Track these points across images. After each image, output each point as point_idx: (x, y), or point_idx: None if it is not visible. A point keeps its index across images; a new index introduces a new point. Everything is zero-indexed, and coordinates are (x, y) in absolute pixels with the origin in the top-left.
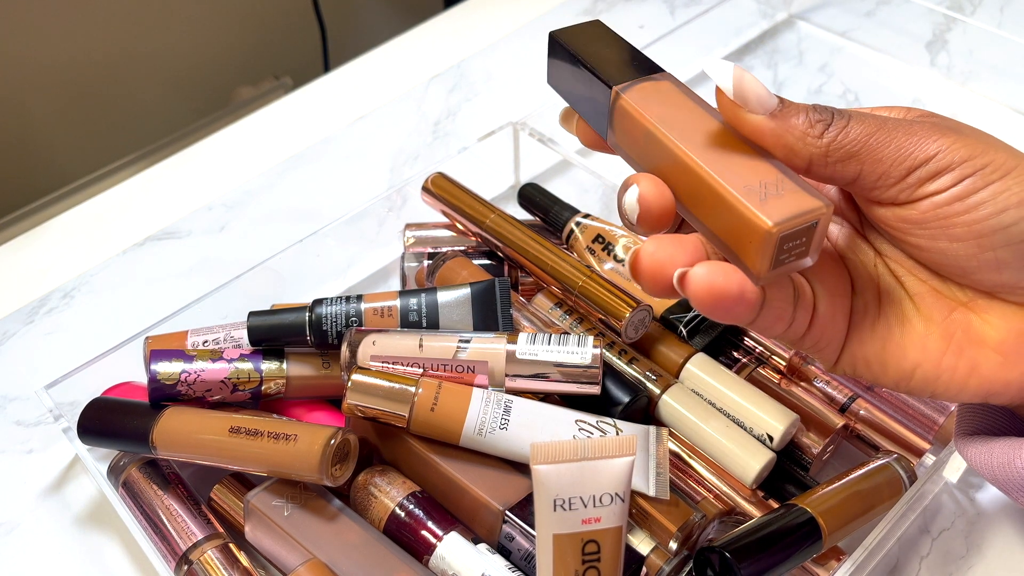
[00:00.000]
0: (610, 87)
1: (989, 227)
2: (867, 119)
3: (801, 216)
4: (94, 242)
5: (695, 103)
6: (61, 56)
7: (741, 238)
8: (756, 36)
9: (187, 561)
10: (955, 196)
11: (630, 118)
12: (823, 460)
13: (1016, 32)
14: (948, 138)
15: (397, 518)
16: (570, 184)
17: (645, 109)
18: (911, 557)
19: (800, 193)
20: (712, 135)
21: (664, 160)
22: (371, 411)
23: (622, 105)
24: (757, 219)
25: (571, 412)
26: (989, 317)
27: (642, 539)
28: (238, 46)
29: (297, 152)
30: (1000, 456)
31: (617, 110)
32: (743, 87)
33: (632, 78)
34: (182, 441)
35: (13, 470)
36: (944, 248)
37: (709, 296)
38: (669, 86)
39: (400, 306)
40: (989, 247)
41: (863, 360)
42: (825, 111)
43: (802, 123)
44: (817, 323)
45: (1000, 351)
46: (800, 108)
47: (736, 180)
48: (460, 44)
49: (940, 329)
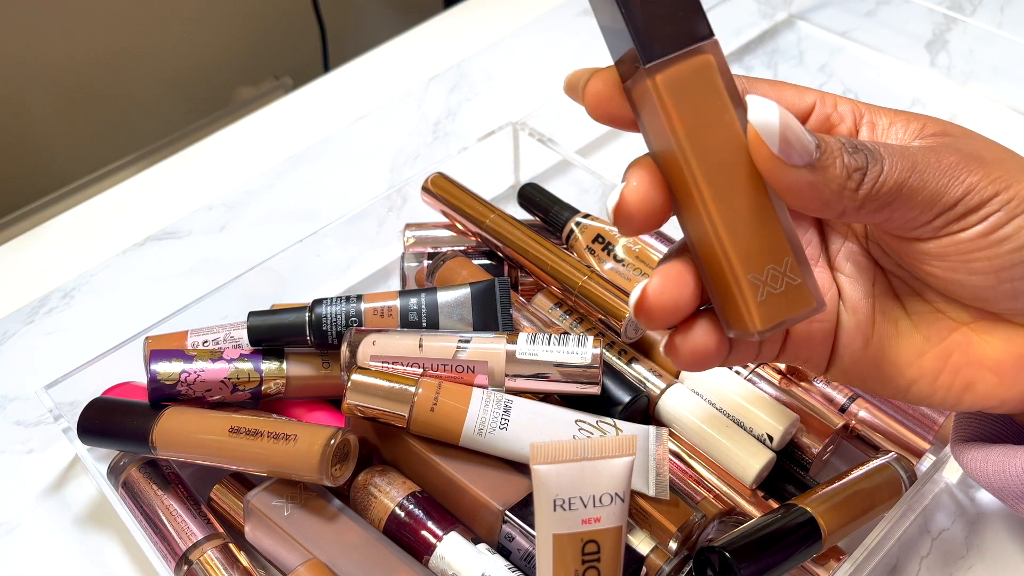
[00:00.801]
0: (639, 64)
1: (1010, 261)
2: (899, 160)
3: (790, 321)
4: (94, 242)
5: (729, 103)
6: (61, 56)
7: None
8: (756, 36)
9: (187, 561)
10: (979, 233)
11: (654, 110)
12: (823, 460)
13: (1016, 32)
14: (976, 174)
15: (397, 518)
16: (570, 184)
17: (674, 107)
18: (911, 557)
19: (801, 289)
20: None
21: (676, 182)
22: (371, 411)
23: (650, 89)
24: (748, 315)
25: (571, 412)
26: (991, 338)
27: (642, 539)
28: (238, 46)
29: (297, 152)
30: (996, 463)
31: (643, 90)
32: (789, 136)
33: (672, 48)
34: (182, 441)
35: (13, 470)
36: (962, 280)
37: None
38: (711, 67)
39: (400, 306)
40: (1008, 279)
41: (857, 375)
42: (859, 154)
43: (840, 174)
44: (789, 348)
45: (997, 372)
46: (835, 152)
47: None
48: (460, 44)
49: (938, 350)
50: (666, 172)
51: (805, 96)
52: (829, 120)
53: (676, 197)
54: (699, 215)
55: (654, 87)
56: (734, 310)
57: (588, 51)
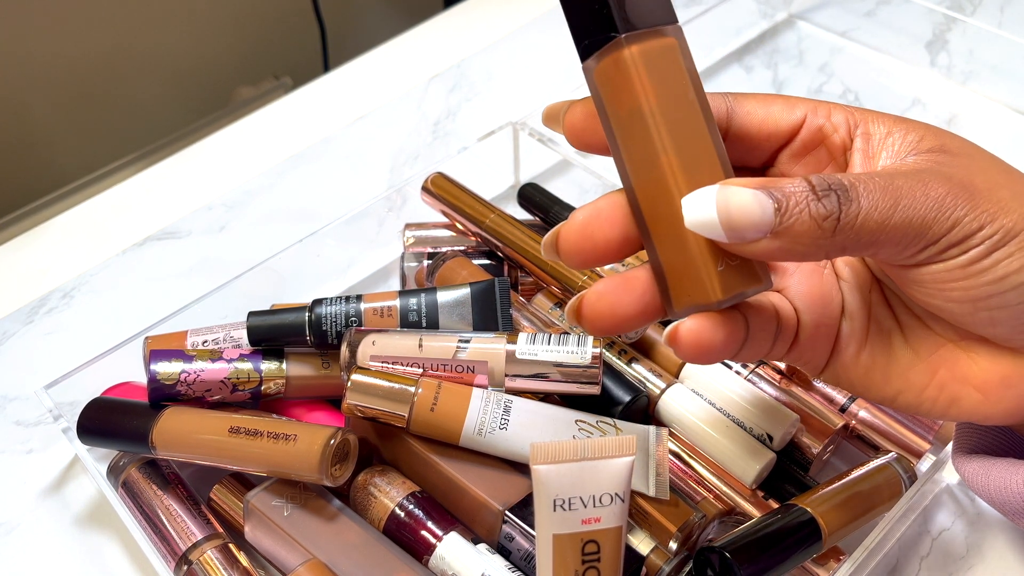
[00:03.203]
0: (614, 33)
1: (986, 292)
2: (880, 197)
3: (745, 294)
4: (94, 242)
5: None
6: (61, 56)
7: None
8: (756, 36)
9: (187, 561)
10: (957, 265)
11: (627, 79)
12: (823, 460)
13: (1016, 32)
14: (964, 208)
15: (397, 518)
16: (570, 184)
17: (647, 76)
18: (911, 557)
19: (751, 266)
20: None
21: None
22: (371, 411)
23: (626, 58)
24: (710, 284)
25: (571, 412)
26: (977, 356)
27: (642, 539)
28: (238, 46)
29: (297, 152)
30: (997, 479)
31: (615, 61)
32: (734, 222)
33: (644, 23)
34: (182, 441)
35: (13, 470)
36: (940, 306)
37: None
38: (675, 48)
39: (400, 306)
40: (984, 308)
41: (846, 380)
42: (829, 197)
43: (809, 227)
44: (796, 348)
45: (982, 390)
46: (800, 204)
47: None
48: (460, 44)
49: (926, 364)
50: (628, 144)
51: (795, 110)
52: (821, 131)
53: (638, 169)
54: (664, 185)
55: (631, 56)
56: (694, 280)
57: None
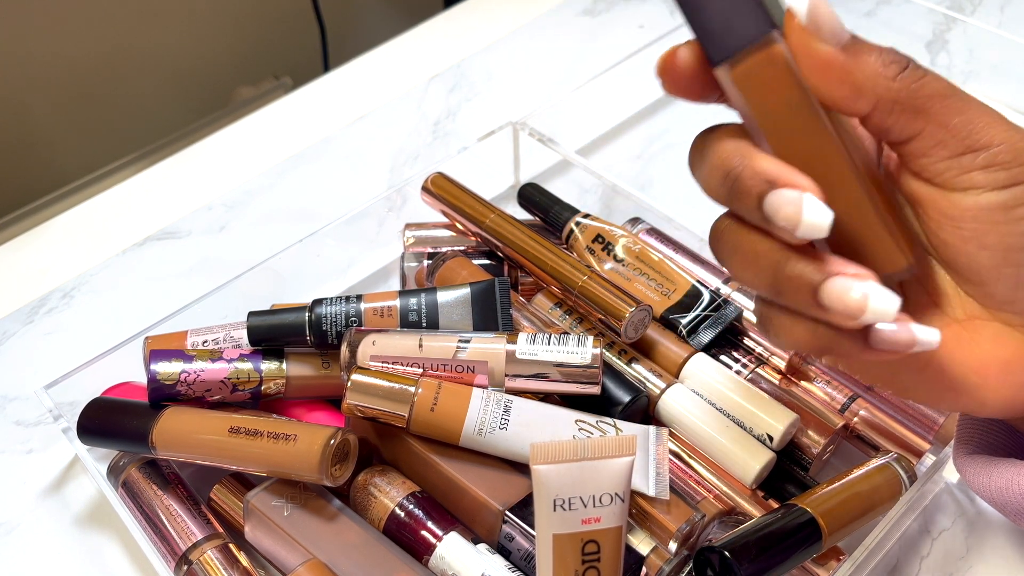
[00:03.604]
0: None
1: (1021, 242)
2: (944, 80)
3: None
4: (94, 242)
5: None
6: (61, 56)
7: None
8: None
9: (187, 561)
10: (1000, 204)
11: (784, 78)
12: (823, 460)
13: (1016, 32)
14: (1016, 135)
15: (397, 518)
16: (570, 184)
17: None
18: (911, 557)
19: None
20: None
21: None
22: (371, 411)
23: (780, 55)
24: (901, 249)
25: (571, 412)
26: (980, 339)
27: (642, 539)
28: (238, 46)
29: (297, 152)
30: (999, 480)
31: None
32: (817, 12)
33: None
34: (182, 441)
35: (13, 470)
36: (971, 252)
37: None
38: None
39: (400, 306)
40: (1015, 263)
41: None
42: (901, 56)
43: (875, 61)
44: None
45: (980, 374)
46: (874, 47)
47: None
48: (460, 44)
49: None
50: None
51: None
52: None
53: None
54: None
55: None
56: (886, 249)
57: (588, 51)
